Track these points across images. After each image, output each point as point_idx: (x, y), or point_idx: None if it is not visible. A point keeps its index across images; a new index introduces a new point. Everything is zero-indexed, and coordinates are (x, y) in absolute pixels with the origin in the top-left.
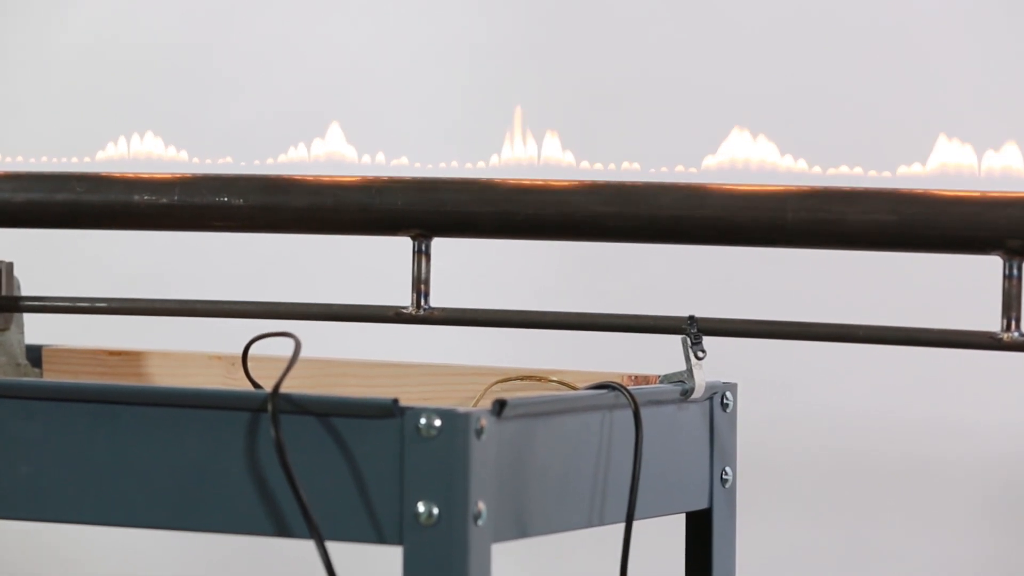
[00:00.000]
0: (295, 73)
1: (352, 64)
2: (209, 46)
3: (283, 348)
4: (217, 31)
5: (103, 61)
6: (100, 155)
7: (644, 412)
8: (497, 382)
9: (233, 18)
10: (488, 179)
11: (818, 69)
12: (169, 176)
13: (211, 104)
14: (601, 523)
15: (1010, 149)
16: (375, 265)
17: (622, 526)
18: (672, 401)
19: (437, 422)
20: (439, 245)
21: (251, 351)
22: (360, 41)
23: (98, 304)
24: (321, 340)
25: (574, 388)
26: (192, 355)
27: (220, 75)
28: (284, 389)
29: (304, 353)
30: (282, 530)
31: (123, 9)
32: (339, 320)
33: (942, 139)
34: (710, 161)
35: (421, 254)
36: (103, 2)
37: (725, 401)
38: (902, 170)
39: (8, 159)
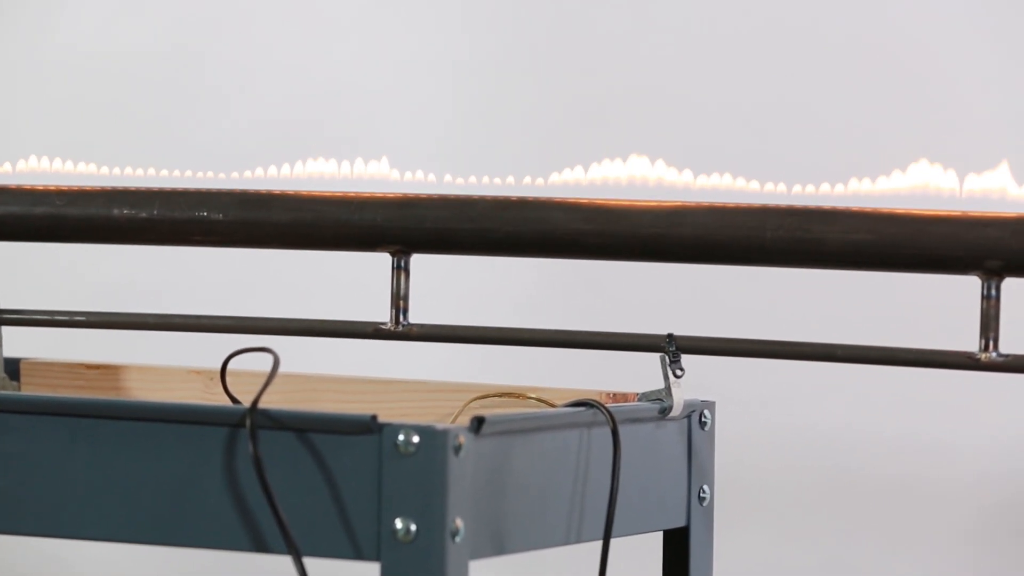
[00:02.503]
0: (280, 86)
1: (336, 78)
2: (193, 58)
3: (262, 363)
4: (201, 44)
5: (87, 71)
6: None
7: (622, 430)
8: (475, 399)
9: (217, 31)
10: (467, 196)
11: (804, 84)
12: (148, 190)
13: (195, 115)
14: (579, 540)
15: (993, 173)
16: (355, 280)
17: (599, 544)
18: (650, 419)
19: (415, 439)
20: (418, 261)
21: (230, 366)
22: (345, 55)
23: (77, 318)
24: (300, 355)
25: (552, 405)
26: (171, 369)
27: (204, 87)
28: (262, 404)
29: (283, 368)
30: (260, 545)
31: (107, 20)
32: (318, 336)
33: (924, 163)
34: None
35: (400, 270)
36: (87, 13)
37: (703, 419)
38: (881, 182)
39: None
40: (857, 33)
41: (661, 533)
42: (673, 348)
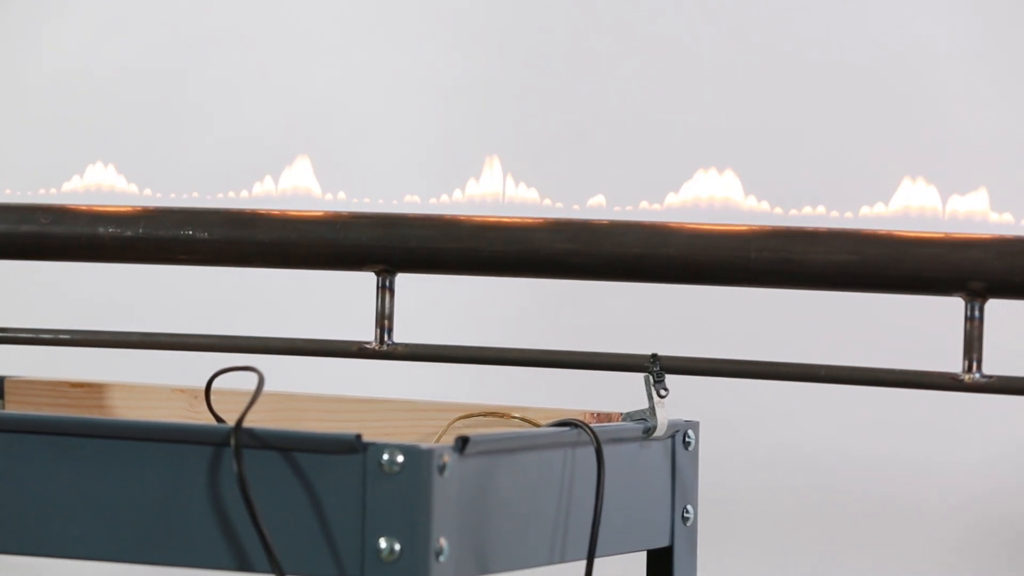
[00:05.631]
0: (266, 106)
1: (323, 97)
2: (179, 77)
3: (246, 382)
4: (187, 62)
5: (71, 90)
6: (66, 186)
7: (606, 450)
8: (460, 418)
9: (204, 50)
10: (452, 215)
11: (784, 107)
12: (134, 209)
13: (181, 135)
14: (562, 560)
15: (976, 195)
16: (341, 299)
17: (583, 563)
18: (634, 439)
19: (400, 458)
20: (403, 280)
21: (214, 385)
22: (331, 75)
23: (61, 336)
24: (284, 374)
25: (537, 425)
26: (155, 388)
27: (189, 106)
28: (247, 423)
29: (268, 387)
30: (244, 565)
31: (91, 38)
32: (302, 355)
33: (906, 181)
34: (673, 199)
35: (385, 289)
36: (70, 31)
37: (687, 439)
38: (864, 211)
39: None
40: (842, 56)
41: (645, 553)
42: (657, 368)
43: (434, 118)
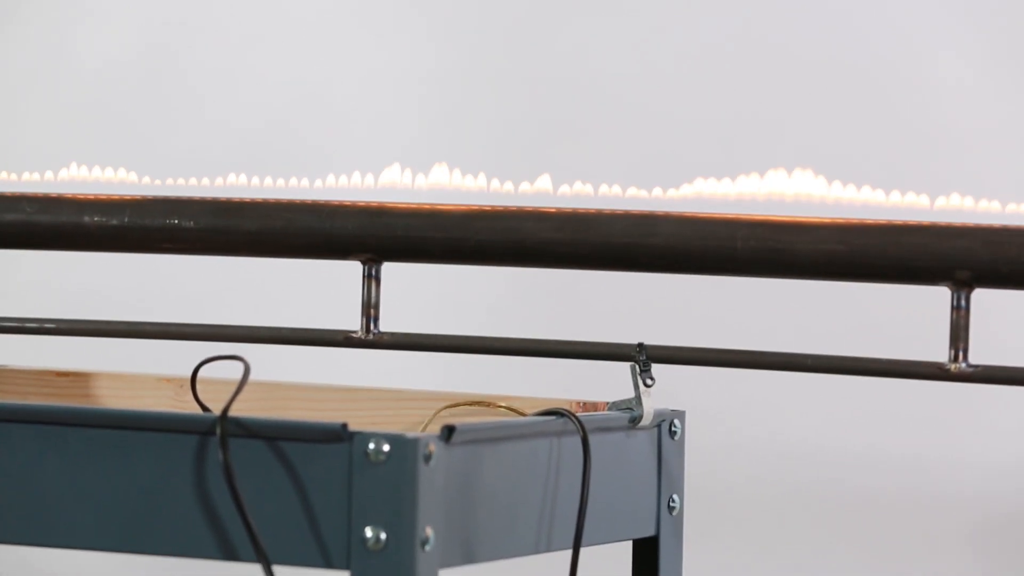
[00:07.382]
0: (250, 95)
1: (308, 86)
2: (168, 64)
3: (232, 371)
4: (176, 50)
5: (63, 77)
6: (52, 175)
7: (592, 439)
8: (446, 407)
9: (192, 38)
10: (439, 204)
11: (769, 99)
12: (119, 198)
13: (170, 120)
14: (548, 549)
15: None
16: (327, 288)
17: (569, 553)
18: (620, 428)
19: (386, 447)
20: (389, 269)
21: (200, 374)
22: (317, 64)
23: (47, 325)
24: (270, 363)
25: (523, 414)
26: (141, 377)
27: (179, 93)
28: (233, 412)
29: (253, 376)
30: (229, 553)
31: (82, 26)
32: (288, 343)
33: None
34: (674, 193)
35: (371, 278)
36: (62, 19)
37: (673, 429)
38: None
39: None
40: (829, 50)
41: (631, 542)
42: (644, 357)
43: (414, 107)
